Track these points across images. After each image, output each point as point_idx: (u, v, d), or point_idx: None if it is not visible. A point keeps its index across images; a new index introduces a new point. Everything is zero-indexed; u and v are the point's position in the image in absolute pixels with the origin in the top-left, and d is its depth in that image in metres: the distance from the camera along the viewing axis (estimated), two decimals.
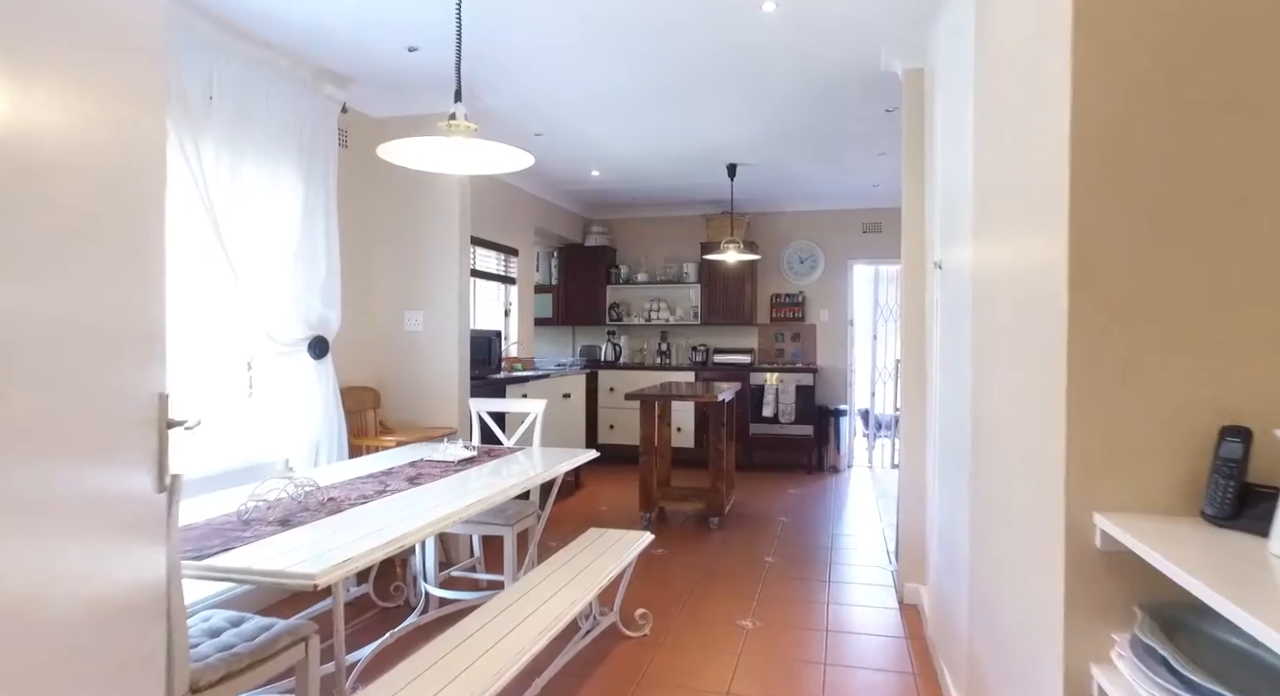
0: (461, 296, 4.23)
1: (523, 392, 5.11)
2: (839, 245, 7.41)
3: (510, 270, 6.29)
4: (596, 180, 6.48)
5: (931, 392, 3.15)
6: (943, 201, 2.76)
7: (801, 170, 6.06)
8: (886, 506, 5.59)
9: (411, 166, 2.37)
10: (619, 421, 7.33)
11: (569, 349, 8.12)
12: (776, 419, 6.95)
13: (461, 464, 3.02)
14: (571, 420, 6.13)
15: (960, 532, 2.32)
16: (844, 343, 7.42)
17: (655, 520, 5.10)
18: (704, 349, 7.55)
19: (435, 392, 4.21)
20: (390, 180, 4.24)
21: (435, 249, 4.20)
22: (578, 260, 7.77)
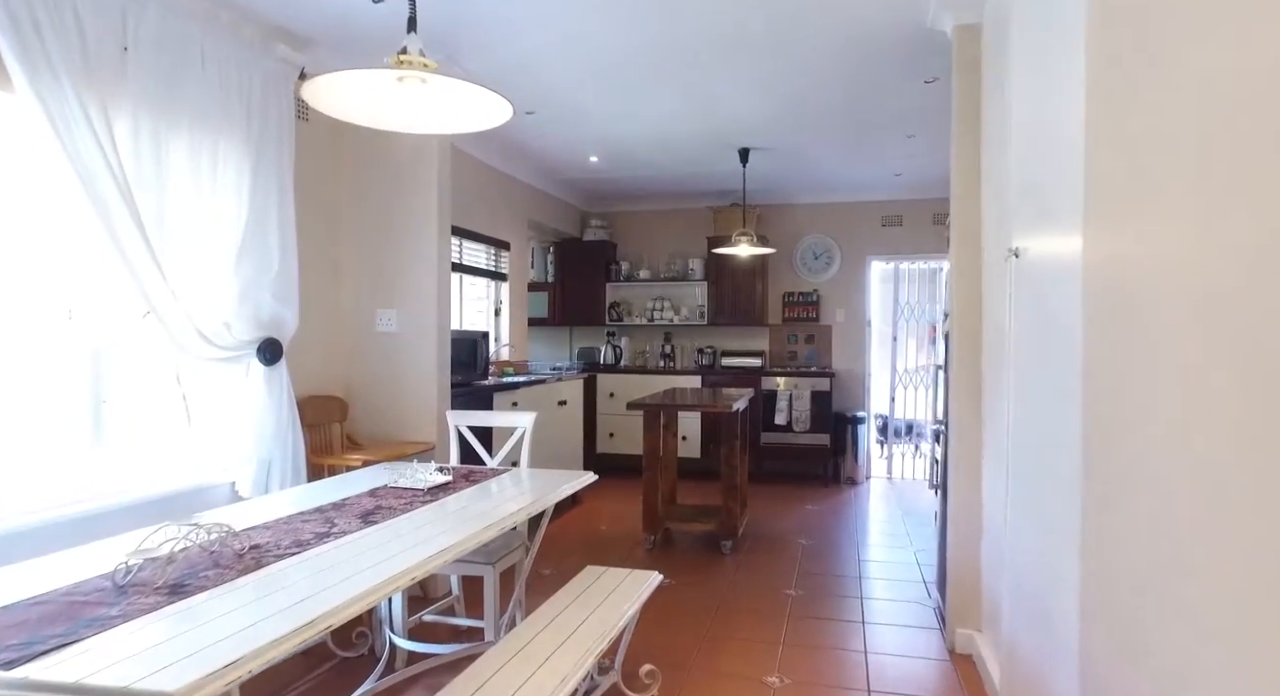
0: (441, 292, 3.71)
1: (513, 401, 4.59)
2: (856, 240, 6.90)
3: (501, 265, 5.78)
4: (595, 168, 5.96)
5: (998, 406, 2.63)
6: (1021, 176, 2.24)
7: (820, 156, 5.54)
8: (914, 526, 5.08)
9: (351, 119, 1.84)
10: (620, 429, 6.81)
11: (566, 351, 7.60)
12: (790, 427, 6.43)
13: (432, 492, 2.51)
14: (568, 429, 5.62)
15: (1064, 585, 1.80)
16: (861, 345, 6.90)
17: (660, 542, 4.58)
18: (711, 351, 7.04)
19: (410, 402, 3.69)
20: (359, 159, 3.72)
21: (411, 238, 3.68)
22: (575, 256, 7.26)
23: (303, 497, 2.43)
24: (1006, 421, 2.39)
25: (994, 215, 2.76)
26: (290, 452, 3.11)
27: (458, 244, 5.16)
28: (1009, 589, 2.32)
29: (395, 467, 2.91)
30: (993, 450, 2.74)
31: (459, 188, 5.01)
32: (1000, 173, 2.57)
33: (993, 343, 2.76)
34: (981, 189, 2.97)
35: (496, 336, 5.81)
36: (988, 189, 2.87)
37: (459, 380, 4.17)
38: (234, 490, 3.00)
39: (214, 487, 2.94)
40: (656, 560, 4.28)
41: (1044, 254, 2.00)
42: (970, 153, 3.03)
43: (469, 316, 5.50)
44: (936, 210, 6.68)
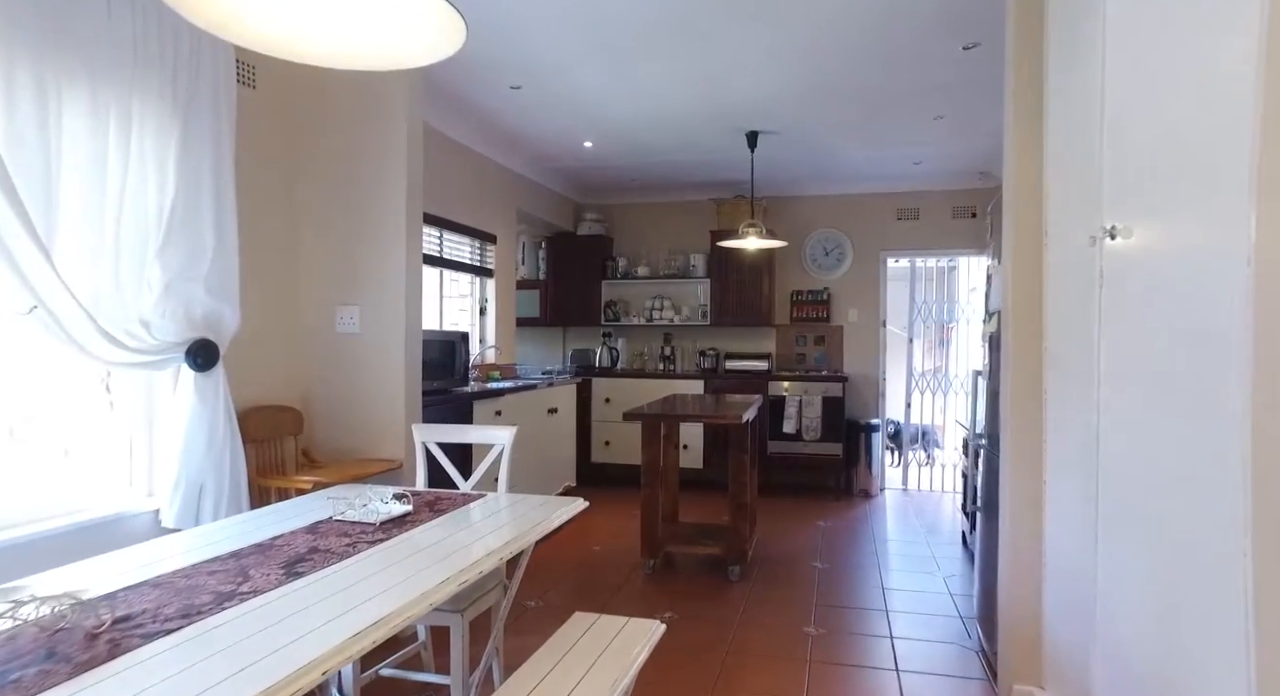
0: (410, 287, 3.24)
1: (496, 410, 4.12)
2: (870, 234, 6.44)
3: (487, 260, 5.31)
4: (589, 154, 5.50)
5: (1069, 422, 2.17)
6: (1129, 144, 1.78)
7: (833, 142, 5.08)
8: (939, 546, 4.62)
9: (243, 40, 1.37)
10: (616, 437, 6.35)
11: (558, 353, 7.13)
12: (799, 436, 5.97)
13: (386, 528, 2.04)
14: (559, 438, 5.15)
15: (1216, 678, 1.35)
16: (875, 347, 6.45)
17: (660, 566, 4.12)
18: (714, 354, 6.57)
19: (375, 414, 3.22)
20: (316, 134, 3.25)
21: (375, 225, 3.22)
22: (569, 252, 6.79)
23: (228, 534, 1.96)
24: (1092, 444, 1.92)
25: (1064, 198, 2.30)
26: (228, 474, 2.64)
27: (437, 235, 4.69)
28: (1104, 656, 1.86)
29: (351, 492, 2.45)
30: (1061, 475, 2.29)
31: (439, 173, 4.55)
32: (1079, 144, 2.11)
33: (1059, 347, 2.31)
34: (1044, 168, 2.51)
35: (481, 337, 5.34)
36: (1054, 168, 2.41)
37: (434, 387, 3.71)
38: (157, 520, 2.53)
39: (133, 517, 2.47)
40: (656, 588, 3.81)
41: (1174, 239, 1.53)
42: (1029, 126, 2.56)
43: (450, 315, 5.03)
44: (957, 202, 6.24)
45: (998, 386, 2.86)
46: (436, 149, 4.56)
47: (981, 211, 6.19)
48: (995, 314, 2.89)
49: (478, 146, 5.03)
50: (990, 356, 3.00)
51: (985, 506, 3.13)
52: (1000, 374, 2.68)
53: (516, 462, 4.53)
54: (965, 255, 6.28)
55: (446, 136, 4.66)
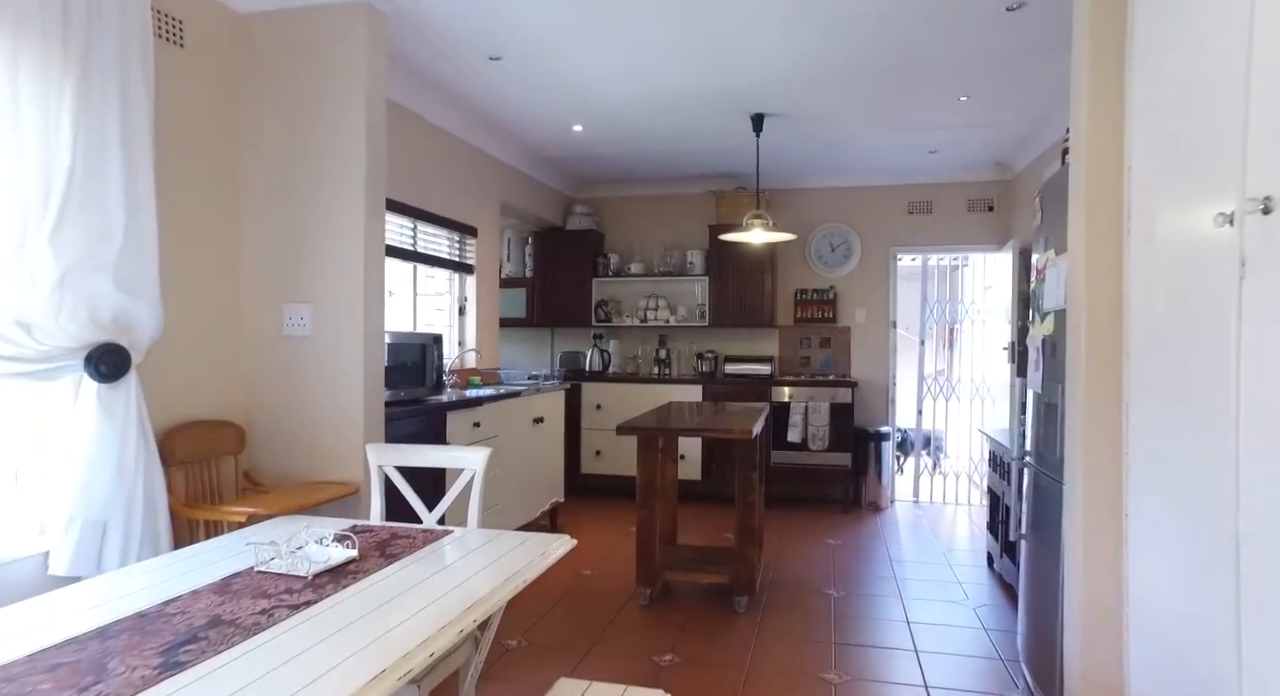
0: (370, 283, 2.79)
1: (474, 421, 3.67)
2: (879, 229, 6.03)
3: (467, 254, 4.86)
4: (579, 140, 5.06)
5: (1167, 449, 1.74)
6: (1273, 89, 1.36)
7: (845, 126, 4.66)
8: (963, 569, 4.20)
9: None
10: (608, 447, 5.91)
11: (546, 356, 6.69)
12: (805, 445, 5.55)
13: (319, 582, 1.60)
14: (546, 450, 4.71)
15: None
16: (884, 349, 6.03)
17: (658, 595, 3.68)
18: (712, 356, 6.15)
19: (329, 429, 2.77)
20: (262, 103, 2.80)
21: (328, 211, 2.77)
22: (557, 247, 6.35)
23: (109, 594, 1.51)
24: (1222, 483, 1.50)
25: (1158, 175, 1.88)
26: (140, 506, 2.19)
27: (411, 227, 4.24)
28: None
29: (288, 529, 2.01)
30: (1155, 512, 1.86)
31: (412, 158, 4.10)
32: (1194, 103, 1.68)
33: (1150, 357, 1.88)
34: (1127, 138, 2.09)
35: (460, 340, 4.89)
36: (1143, 139, 1.99)
37: (402, 396, 3.26)
38: (46, 566, 2.07)
39: (11, 564, 2.01)
40: (654, 623, 3.38)
41: None
42: (1106, 88, 2.14)
43: (426, 315, 4.58)
44: (973, 194, 5.84)
45: (1054, 398, 2.44)
46: (409, 131, 4.11)
47: (1000, 204, 5.80)
48: (1053, 314, 2.47)
49: (457, 130, 4.58)
50: (1044, 362, 2.59)
51: (1033, 535, 2.72)
52: (1066, 387, 2.26)
53: (498, 479, 4.09)
54: (981, 251, 5.88)
55: (420, 117, 4.21)
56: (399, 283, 4.30)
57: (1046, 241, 2.62)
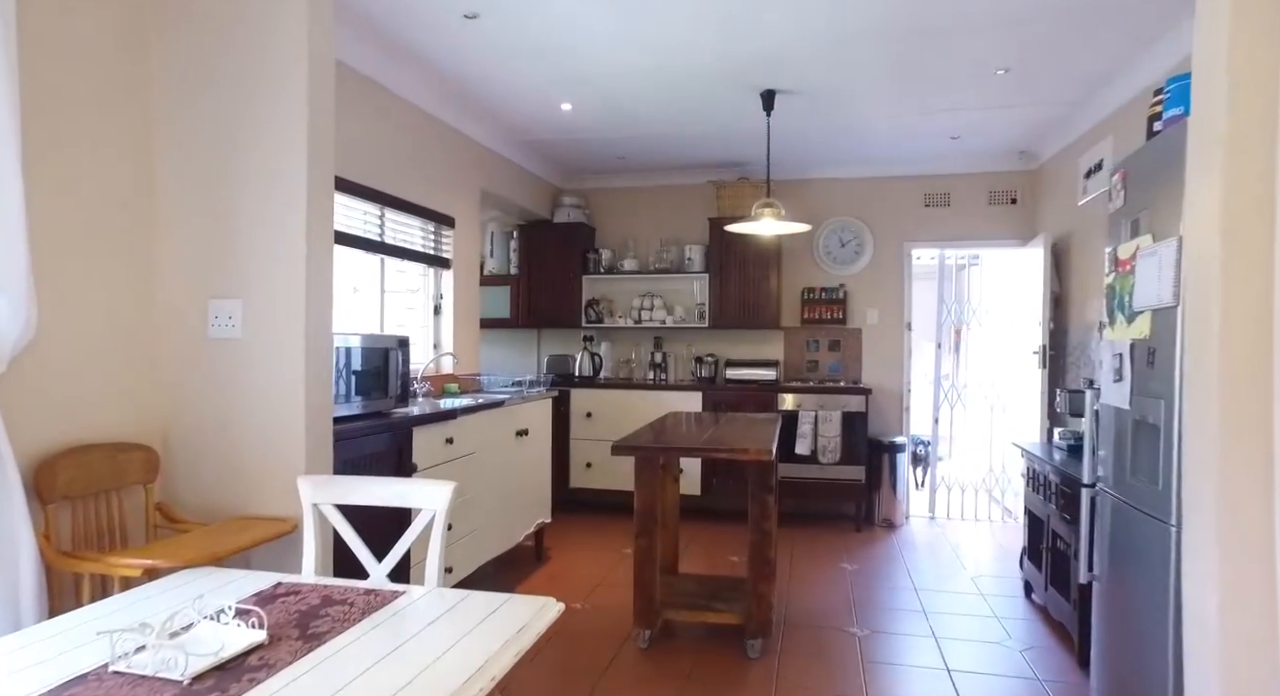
0: (316, 275, 2.30)
1: (447, 437, 3.19)
2: (892, 223, 5.59)
3: (443, 247, 4.37)
4: (568, 121, 4.58)
5: None
6: None
7: (865, 106, 4.21)
8: (998, 599, 3.75)
9: None
10: (600, 459, 5.43)
11: (532, 359, 6.20)
12: (815, 458, 5.09)
13: (199, 688, 1.12)
14: (531, 465, 4.22)
15: None
16: (898, 353, 5.59)
17: (659, 636, 3.21)
18: (712, 360, 5.68)
19: (263, 451, 2.27)
20: (181, 58, 2.30)
21: (266, 189, 2.27)
22: (544, 242, 5.87)
23: None
24: None
25: None
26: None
27: (378, 214, 3.75)
28: None
29: (201, 584, 1.53)
30: None
31: (379, 136, 3.61)
32: None
33: None
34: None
35: (436, 342, 4.40)
36: None
37: (359, 410, 2.77)
38: None
39: None
40: (654, 672, 2.90)
41: None
42: (1255, 25, 1.68)
43: (396, 315, 4.08)
44: (994, 186, 5.40)
45: (1151, 417, 1.99)
46: (374, 105, 3.62)
47: (1023, 196, 5.37)
48: (1148, 313, 2.02)
49: (430, 105, 4.09)
50: (1132, 373, 2.13)
51: (1113, 579, 2.26)
52: (1179, 404, 1.80)
53: (476, 501, 3.59)
54: (1002, 246, 5.44)
55: (385, 90, 3.72)
56: (364, 278, 3.81)
57: (1134, 227, 2.16)
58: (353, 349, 2.71)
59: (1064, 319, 4.71)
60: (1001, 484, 5.55)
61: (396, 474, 2.81)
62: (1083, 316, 4.42)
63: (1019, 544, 4.77)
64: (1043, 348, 4.59)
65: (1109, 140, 3.98)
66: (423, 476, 2.99)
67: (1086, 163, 4.28)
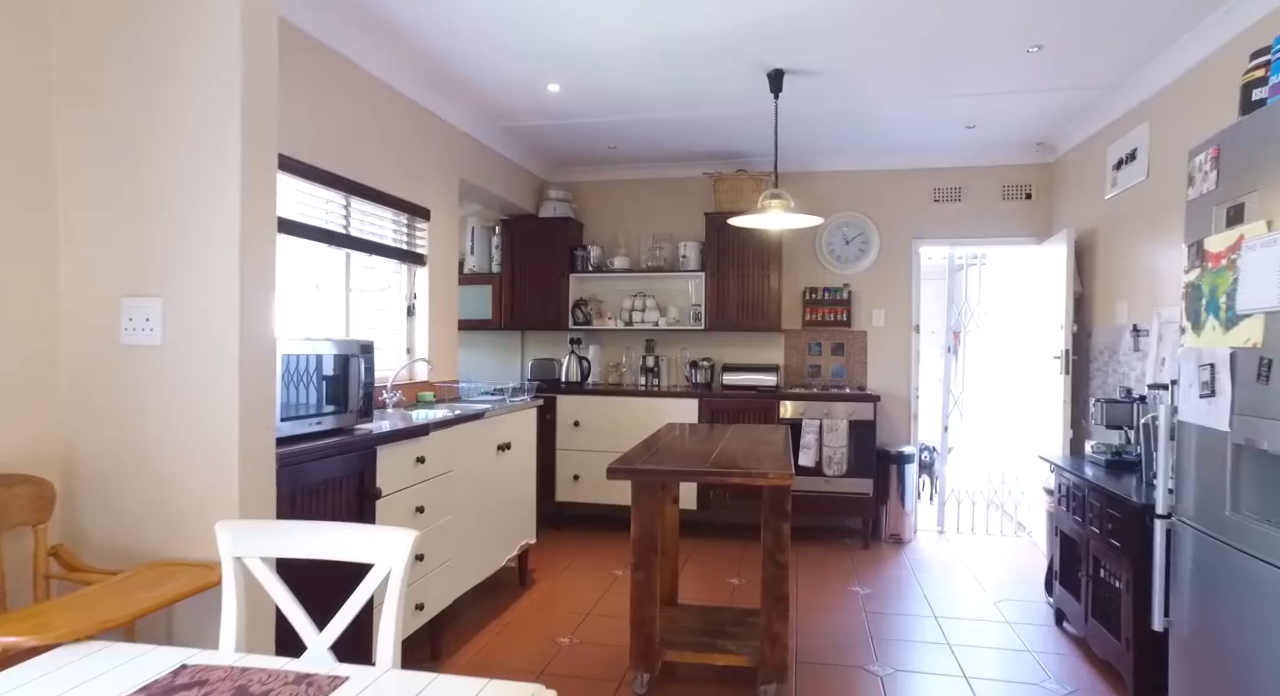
0: (254, 270, 1.91)
1: (417, 456, 2.79)
2: (900, 219, 5.26)
3: (417, 242, 3.97)
4: (555, 104, 4.20)
5: None
6: None
7: (881, 87, 3.87)
8: (1022, 626, 3.41)
9: None
10: (588, 470, 5.05)
11: (515, 365, 5.81)
12: (820, 470, 4.75)
13: None
14: (513, 482, 3.84)
15: None
16: (906, 357, 5.26)
17: (658, 681, 2.84)
18: (708, 365, 5.32)
19: (190, 479, 1.88)
20: (91, 18, 1.90)
21: (192, 168, 1.88)
22: (529, 238, 5.48)
23: None
24: None
25: None
26: None
27: (343, 203, 3.35)
28: None
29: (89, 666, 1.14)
30: None
31: (346, 118, 3.22)
32: None
33: None
34: None
35: (409, 347, 4.00)
36: None
37: (313, 428, 2.37)
38: None
39: None
40: None
41: None
42: None
43: (365, 316, 3.68)
44: (1008, 180, 5.09)
45: (1256, 440, 1.65)
46: (339, 82, 3.23)
47: (1039, 191, 5.06)
48: (1261, 316, 1.68)
49: (403, 85, 3.69)
50: (1234, 388, 1.79)
51: (1200, 628, 1.92)
52: None
53: (451, 527, 3.17)
54: (1016, 244, 5.13)
55: (355, 67, 3.33)
56: (327, 274, 3.41)
57: (1233, 214, 1.83)
58: (303, 356, 2.31)
59: (1087, 321, 4.40)
60: (1015, 497, 5.24)
61: (357, 501, 2.42)
62: (1109, 318, 4.11)
63: (1037, 562, 4.46)
64: (1065, 352, 4.28)
65: (1144, 127, 3.66)
66: (389, 502, 2.60)
67: (1116, 152, 3.97)
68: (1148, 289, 3.65)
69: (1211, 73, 3.11)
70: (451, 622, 3.35)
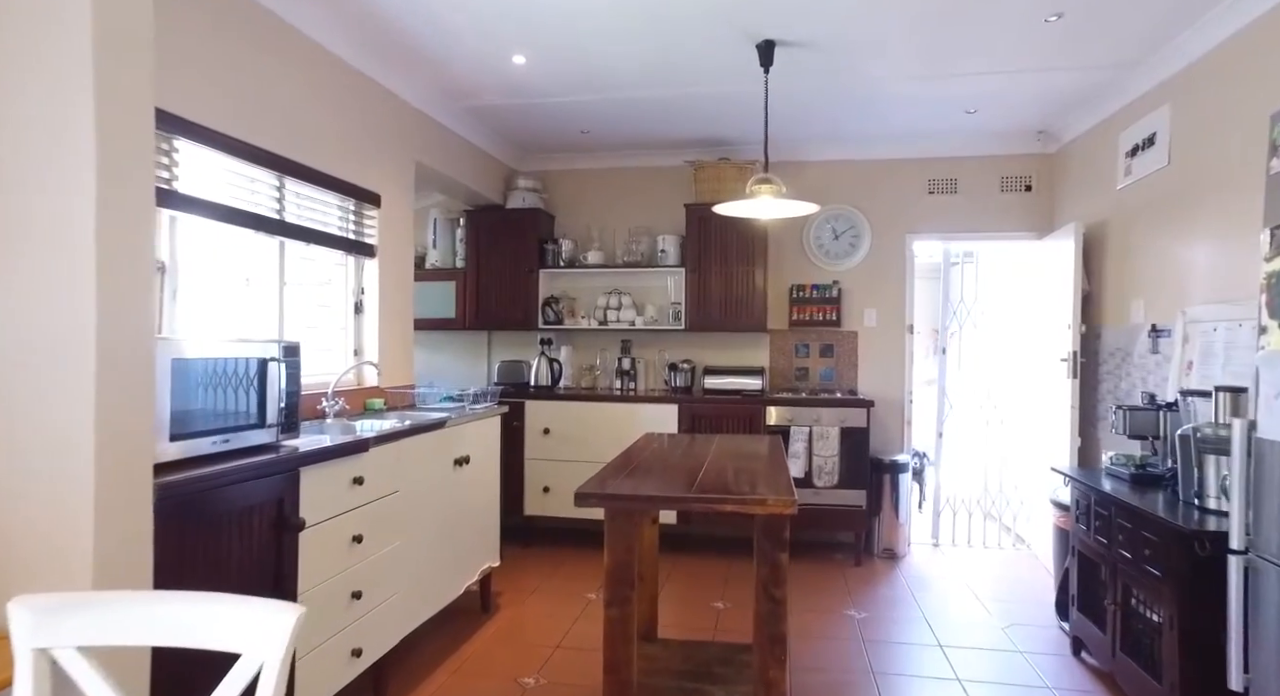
0: (120, 252, 1.49)
1: (354, 476, 2.39)
2: (893, 212, 4.94)
3: (365, 231, 3.55)
4: (522, 80, 3.80)
5: None
6: None
7: (882, 63, 3.53)
8: (1035, 652, 3.09)
9: None
10: (558, 481, 4.66)
11: (481, 366, 5.40)
12: (810, 480, 4.40)
13: None
14: (473, 498, 3.44)
15: None
16: (899, 359, 4.94)
17: None
18: (689, 368, 4.96)
19: (24, 525, 1.46)
20: None
21: (25, 114, 1.46)
22: (496, 231, 5.08)
23: None
24: None
25: None
26: None
27: (275, 184, 2.93)
28: None
29: None
30: None
31: (282, 87, 2.80)
32: None
33: None
34: None
35: (357, 348, 3.58)
36: None
37: (214, 449, 1.96)
38: None
39: None
40: None
41: None
42: None
43: (305, 314, 3.25)
44: (1007, 171, 4.79)
45: None
46: (275, 48, 2.80)
47: (1040, 183, 4.77)
48: None
49: (352, 56, 3.28)
50: None
51: None
52: None
53: (398, 555, 2.70)
54: (1015, 238, 4.84)
55: (294, 30, 2.91)
56: (258, 265, 2.98)
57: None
58: (205, 361, 1.90)
59: (1095, 322, 4.10)
60: (1013, 507, 4.94)
61: (274, 536, 2.00)
62: (1122, 318, 3.81)
63: (1039, 579, 4.16)
64: (1073, 354, 3.97)
65: (1165, 109, 3.36)
66: (317, 534, 2.19)
67: (1132, 138, 3.67)
68: (1170, 286, 3.35)
69: (1243, 48, 2.81)
70: (403, 660, 2.95)
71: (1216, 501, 2.41)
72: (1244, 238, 2.82)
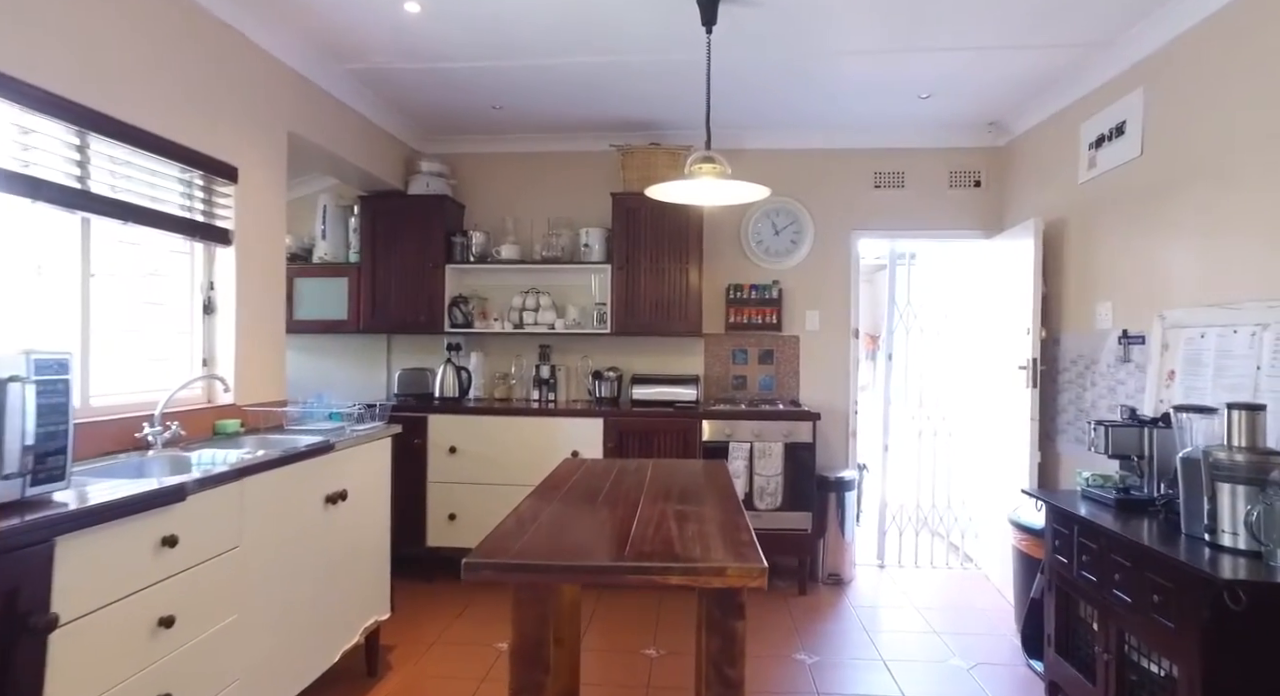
0: None
1: (162, 536, 1.74)
2: (837, 206, 4.56)
3: (217, 212, 2.86)
4: (416, 33, 3.20)
5: None
6: None
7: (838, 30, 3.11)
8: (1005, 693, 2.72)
9: None
10: (466, 507, 4.06)
11: (380, 375, 4.72)
12: (751, 502, 3.95)
13: None
14: (352, 541, 2.82)
15: None
16: (843, 366, 4.56)
17: None
18: (615, 376, 4.43)
19: None
20: None
21: None
22: (395, 221, 4.43)
23: None
24: None
25: None
26: None
27: (75, 144, 2.23)
28: None
29: None
30: None
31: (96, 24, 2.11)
32: None
33: None
34: None
35: (205, 357, 2.89)
36: None
37: None
38: None
39: None
40: None
41: None
42: None
43: (121, 313, 2.55)
44: (956, 165, 4.48)
45: None
46: None
47: (989, 178, 4.48)
48: None
49: None
50: None
51: None
52: None
53: (243, 627, 1.80)
54: (962, 237, 4.54)
55: None
56: (52, 249, 2.28)
57: None
58: None
59: (1053, 327, 3.81)
60: (961, 524, 4.64)
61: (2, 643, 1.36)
62: (1085, 323, 3.52)
63: (994, 604, 3.84)
64: (1032, 362, 3.66)
65: (1137, 95, 3.06)
66: (82, 631, 1.54)
67: (1096, 128, 3.37)
68: (1143, 287, 3.05)
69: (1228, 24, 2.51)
70: None
71: (1233, 538, 2.06)
72: (1239, 234, 2.51)
